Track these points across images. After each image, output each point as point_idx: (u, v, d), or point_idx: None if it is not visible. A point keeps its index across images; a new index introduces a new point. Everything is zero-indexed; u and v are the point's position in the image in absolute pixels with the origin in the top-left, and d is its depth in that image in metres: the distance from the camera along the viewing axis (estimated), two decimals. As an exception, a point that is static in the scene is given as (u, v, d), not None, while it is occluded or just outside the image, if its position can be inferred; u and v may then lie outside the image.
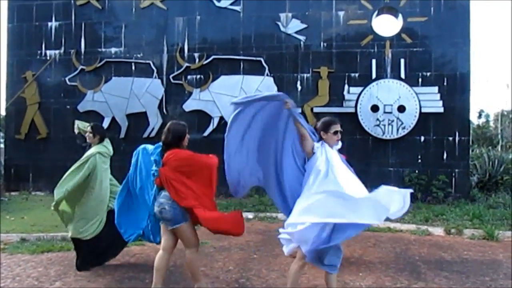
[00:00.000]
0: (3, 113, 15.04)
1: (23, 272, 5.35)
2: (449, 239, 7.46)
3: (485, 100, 62.41)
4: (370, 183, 3.94)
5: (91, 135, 5.56)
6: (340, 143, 4.19)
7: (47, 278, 5.13)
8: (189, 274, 4.55)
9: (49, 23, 12.73)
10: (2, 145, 14.12)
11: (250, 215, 8.96)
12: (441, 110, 10.97)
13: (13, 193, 11.93)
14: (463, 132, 11.04)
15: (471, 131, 11.96)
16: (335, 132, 4.11)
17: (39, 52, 12.73)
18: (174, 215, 4.20)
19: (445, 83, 11.07)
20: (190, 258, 4.34)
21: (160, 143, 4.40)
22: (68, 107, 12.50)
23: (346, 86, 11.40)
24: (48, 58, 12.66)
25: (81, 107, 12.32)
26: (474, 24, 45.58)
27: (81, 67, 12.47)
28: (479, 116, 35.15)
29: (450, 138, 10.99)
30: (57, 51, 12.66)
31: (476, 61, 38.58)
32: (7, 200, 11.08)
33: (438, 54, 11.20)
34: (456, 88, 11.05)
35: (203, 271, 5.45)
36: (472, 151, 13.73)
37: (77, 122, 6.21)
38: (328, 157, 3.96)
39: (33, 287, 4.84)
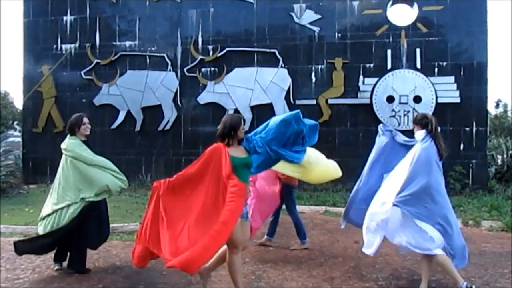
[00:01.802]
0: (21, 107, 15.21)
1: (42, 264, 5.43)
2: (466, 231, 7.38)
3: (503, 90, 61.52)
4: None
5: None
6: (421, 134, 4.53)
7: (66, 269, 5.19)
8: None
9: (65, 18, 12.83)
10: (20, 139, 14.30)
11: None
12: (458, 100, 10.85)
13: (31, 186, 12.09)
14: (480, 122, 10.90)
15: (488, 121, 11.80)
16: None
17: (54, 46, 12.84)
18: None
19: (461, 73, 10.93)
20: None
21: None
22: (84, 100, 12.60)
23: (361, 77, 11.33)
24: (63, 52, 12.77)
25: (97, 101, 12.42)
26: (491, 12, 44.95)
27: (96, 60, 12.55)
28: (497, 106, 34.64)
29: (467, 129, 10.87)
30: (72, 45, 12.76)
31: (494, 50, 38.07)
32: (25, 192, 11.24)
33: (454, 43, 11.05)
34: (473, 77, 10.91)
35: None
36: (490, 141, 13.59)
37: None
38: None
39: (53, 279, 4.91)
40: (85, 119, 5.26)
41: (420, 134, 4.53)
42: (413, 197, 4.21)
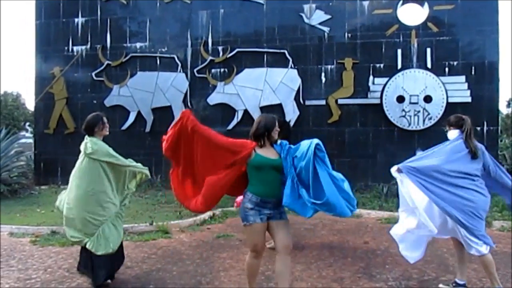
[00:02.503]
0: (33, 108, 15.34)
1: (54, 264, 5.48)
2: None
3: (515, 89, 60.99)
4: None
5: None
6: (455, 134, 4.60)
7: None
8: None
9: (76, 19, 12.93)
10: (32, 140, 14.43)
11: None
12: (469, 99, 10.78)
13: (42, 187, 12.20)
14: (491, 122, 10.82)
15: (500, 121, 11.71)
16: None
17: (66, 48, 12.95)
18: (240, 211, 4.01)
19: (472, 72, 10.86)
20: (246, 260, 4.20)
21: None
22: (94, 102, 12.69)
23: (371, 77, 11.29)
24: (75, 54, 12.87)
25: (108, 102, 12.50)
26: (502, 11, 44.53)
27: (107, 62, 12.63)
28: (508, 105, 34.33)
29: (478, 128, 10.79)
30: (83, 47, 12.86)
31: (505, 49, 37.80)
32: (37, 193, 11.34)
33: (465, 42, 10.98)
34: (484, 77, 10.83)
35: (229, 263, 5.50)
36: (501, 141, 13.46)
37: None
38: None
39: (65, 279, 4.95)
40: (105, 119, 4.95)
41: (453, 133, 4.62)
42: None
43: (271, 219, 3.91)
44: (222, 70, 12.08)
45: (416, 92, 10.98)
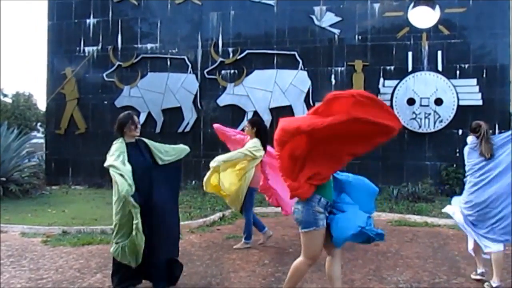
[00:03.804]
0: (44, 108, 15.46)
1: (65, 264, 5.51)
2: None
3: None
4: (406, 177, 3.98)
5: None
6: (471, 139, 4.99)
7: (89, 270, 5.27)
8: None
9: (88, 20, 13.02)
10: (43, 140, 14.54)
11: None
12: (480, 102, 10.73)
13: (53, 187, 12.27)
14: (503, 124, 10.75)
15: (511, 124, 11.63)
16: None
17: (77, 49, 13.04)
18: (303, 217, 3.67)
19: (484, 75, 10.81)
20: (295, 266, 3.90)
21: None
22: (105, 102, 12.77)
23: (381, 80, 11.27)
24: (86, 54, 12.96)
25: (118, 103, 12.57)
26: (514, 14, 44.05)
27: (118, 63, 12.71)
28: (520, 108, 34.00)
29: (490, 131, 10.71)
30: (95, 48, 12.95)
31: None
32: (48, 193, 11.41)
33: (476, 45, 10.94)
34: (495, 80, 10.78)
35: (239, 264, 5.50)
36: (513, 144, 13.37)
37: None
38: None
39: (76, 279, 4.98)
40: (136, 118, 4.56)
41: (470, 139, 4.99)
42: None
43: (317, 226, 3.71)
44: (232, 71, 12.11)
45: (427, 94, 10.95)
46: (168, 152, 4.56)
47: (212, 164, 5.81)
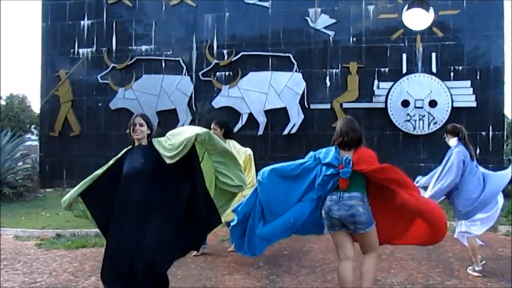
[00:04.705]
0: (38, 111, 15.41)
1: (59, 267, 5.50)
2: (483, 235, 7.29)
3: (520, 94, 60.69)
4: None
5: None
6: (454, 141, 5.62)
7: (83, 273, 5.26)
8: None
9: (82, 22, 12.97)
10: (37, 142, 14.48)
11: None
12: (474, 104, 10.76)
13: (48, 190, 12.23)
14: (497, 126, 10.80)
15: (505, 126, 11.69)
16: None
17: (72, 50, 12.98)
18: (368, 217, 3.90)
19: (478, 77, 10.85)
20: (375, 263, 4.06)
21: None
22: (100, 104, 12.72)
23: (376, 81, 11.29)
24: (80, 56, 12.91)
25: (113, 105, 12.53)
26: (508, 16, 44.31)
27: (112, 65, 12.67)
28: (514, 110, 34.21)
29: (484, 133, 10.78)
30: (89, 50, 12.89)
31: (511, 54, 37.65)
32: (42, 196, 11.38)
33: (470, 47, 10.97)
34: (489, 82, 10.82)
35: (234, 266, 5.50)
36: (507, 146, 13.41)
37: None
38: None
39: (69, 282, 4.97)
40: (137, 119, 4.22)
41: (453, 141, 5.56)
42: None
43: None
44: (227, 73, 12.10)
45: (421, 96, 10.98)
46: (173, 145, 4.00)
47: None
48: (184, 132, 4.07)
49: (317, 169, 4.03)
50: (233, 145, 5.92)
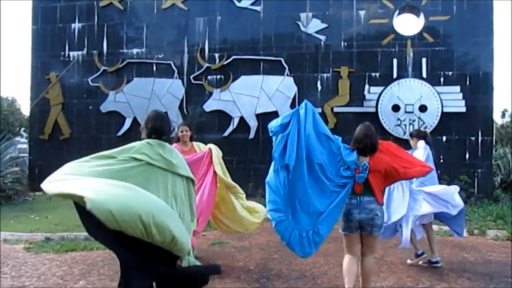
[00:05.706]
0: (28, 113, 15.30)
1: (48, 271, 5.45)
2: (472, 240, 7.37)
3: (509, 100, 61.25)
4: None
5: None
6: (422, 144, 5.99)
7: (72, 277, 5.21)
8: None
9: (73, 25, 12.92)
10: (27, 145, 14.36)
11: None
12: (464, 109, 10.85)
13: (37, 193, 12.11)
14: (486, 131, 10.88)
15: (494, 131, 11.78)
16: None
17: (62, 53, 12.93)
18: (382, 220, 4.25)
19: (467, 82, 10.94)
20: (374, 263, 4.47)
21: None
22: (90, 107, 12.67)
23: (366, 86, 11.35)
24: (71, 59, 12.85)
25: (103, 108, 12.48)
26: (497, 23, 44.76)
27: (103, 68, 12.63)
28: (503, 116, 34.36)
29: (473, 138, 10.85)
30: (80, 52, 12.85)
31: (500, 60, 37.99)
32: (31, 200, 11.28)
33: (460, 53, 11.07)
34: (479, 87, 10.91)
35: (224, 270, 5.48)
36: (496, 151, 13.54)
37: None
38: None
39: (58, 286, 4.92)
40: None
41: (421, 143, 5.92)
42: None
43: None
44: (218, 77, 12.10)
45: (411, 101, 11.04)
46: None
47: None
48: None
49: (340, 156, 4.18)
50: (197, 146, 6.13)
